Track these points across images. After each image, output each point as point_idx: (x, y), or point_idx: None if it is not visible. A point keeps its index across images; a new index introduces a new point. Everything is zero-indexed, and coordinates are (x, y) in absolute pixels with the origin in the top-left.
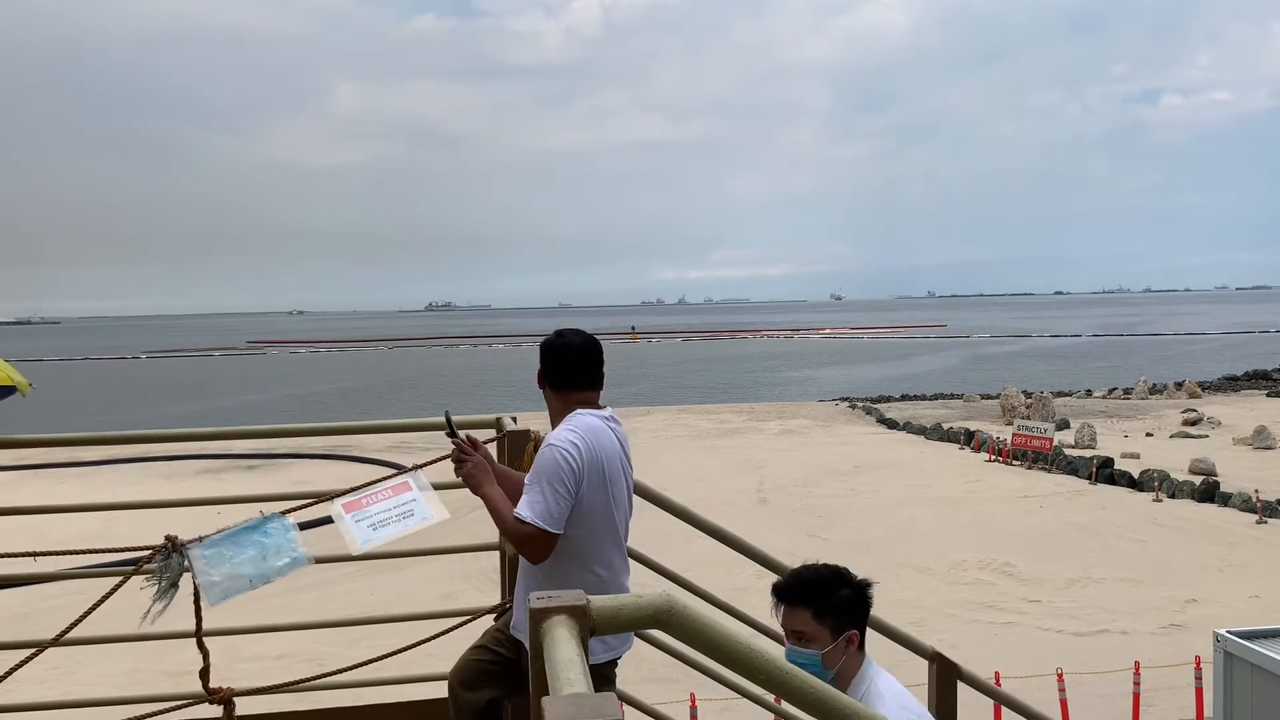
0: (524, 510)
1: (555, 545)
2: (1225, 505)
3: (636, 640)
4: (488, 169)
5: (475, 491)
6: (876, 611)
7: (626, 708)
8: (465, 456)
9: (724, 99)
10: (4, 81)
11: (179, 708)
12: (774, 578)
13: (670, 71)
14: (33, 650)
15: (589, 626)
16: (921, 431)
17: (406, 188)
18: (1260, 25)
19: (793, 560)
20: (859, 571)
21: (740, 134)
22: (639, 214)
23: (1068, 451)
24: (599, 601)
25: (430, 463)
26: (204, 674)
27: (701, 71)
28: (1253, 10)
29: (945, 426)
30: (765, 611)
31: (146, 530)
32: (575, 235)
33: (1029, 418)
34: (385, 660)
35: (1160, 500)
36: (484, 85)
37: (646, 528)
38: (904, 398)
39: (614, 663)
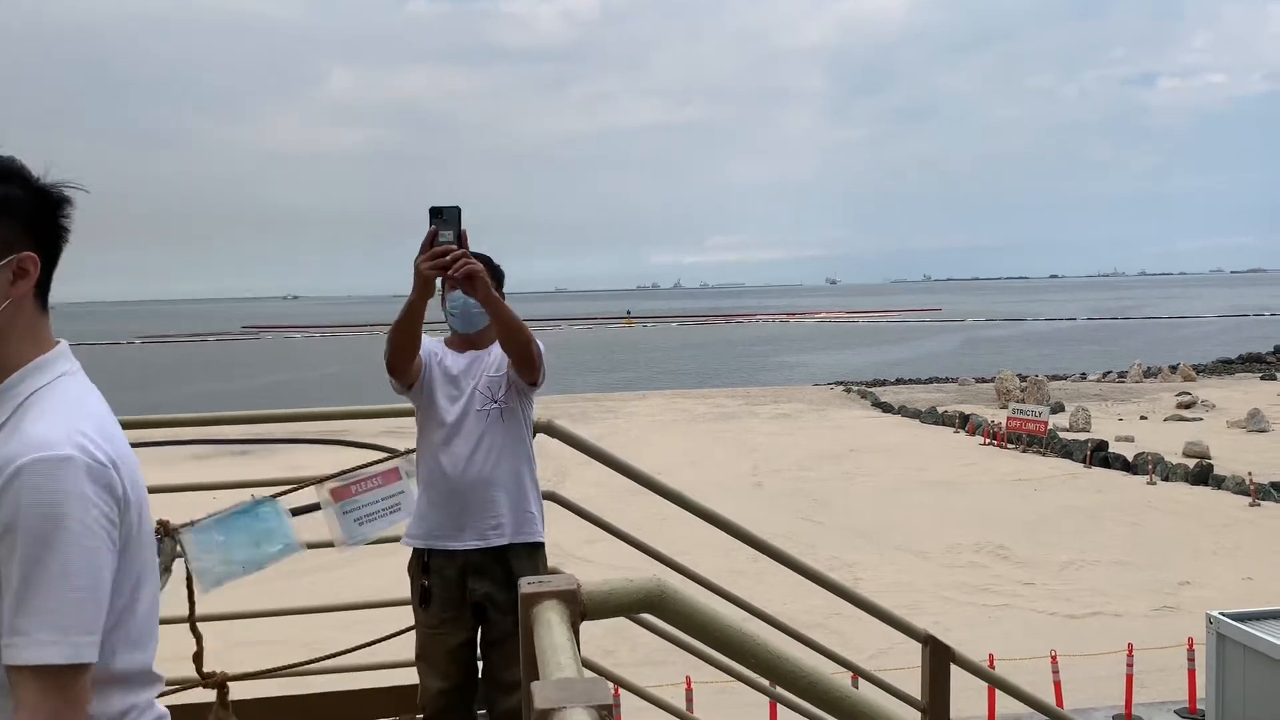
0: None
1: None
2: (1219, 488)
3: (631, 624)
4: (483, 153)
5: (485, 295)
6: (873, 595)
7: (622, 692)
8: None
9: (721, 83)
10: None
11: (172, 691)
12: (768, 561)
13: (667, 55)
14: None
15: (580, 611)
16: (916, 415)
17: (402, 172)
18: (1255, 8)
19: (787, 544)
20: (855, 555)
21: (737, 118)
22: (636, 198)
23: (1062, 435)
24: (590, 586)
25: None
26: (197, 658)
27: (699, 55)
28: None
29: (940, 410)
30: (759, 595)
31: None
32: (571, 220)
33: (1024, 401)
34: (380, 644)
35: (1154, 483)
36: (480, 69)
37: (641, 512)
38: (899, 381)
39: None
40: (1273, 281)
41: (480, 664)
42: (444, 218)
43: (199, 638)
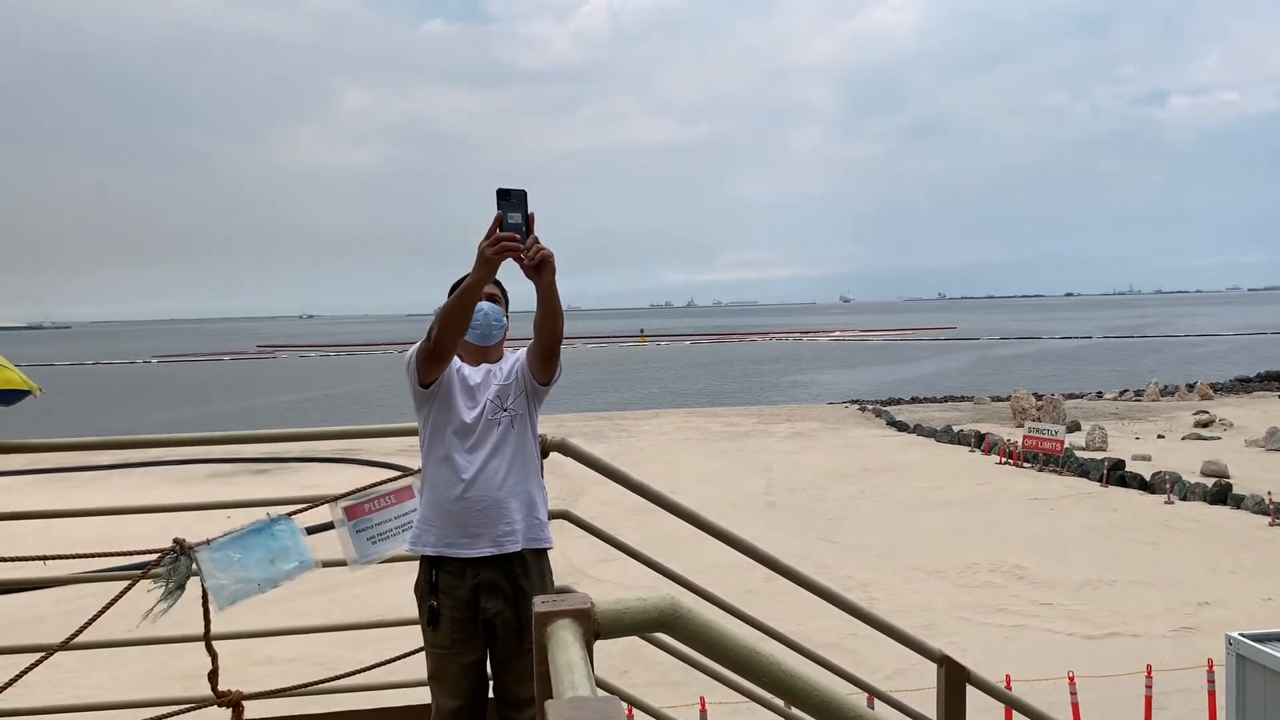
0: None
1: None
2: (1238, 507)
3: (645, 644)
4: (497, 172)
5: (550, 281)
6: (888, 615)
7: (637, 712)
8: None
9: (732, 101)
10: (16, 86)
11: (187, 710)
12: (783, 581)
13: (678, 74)
14: (41, 655)
15: (594, 631)
16: (931, 434)
17: (416, 191)
18: (1267, 25)
19: (802, 563)
20: (870, 574)
21: (748, 136)
22: (648, 217)
23: (1079, 454)
24: (603, 606)
25: None
26: (213, 677)
27: (709, 74)
28: (1259, 10)
29: (955, 429)
30: (774, 614)
31: (157, 534)
32: (584, 238)
33: (1040, 420)
34: (396, 663)
35: (1172, 502)
36: (493, 89)
37: (656, 530)
38: (914, 400)
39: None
40: None
41: (490, 682)
42: (511, 200)
43: (214, 656)
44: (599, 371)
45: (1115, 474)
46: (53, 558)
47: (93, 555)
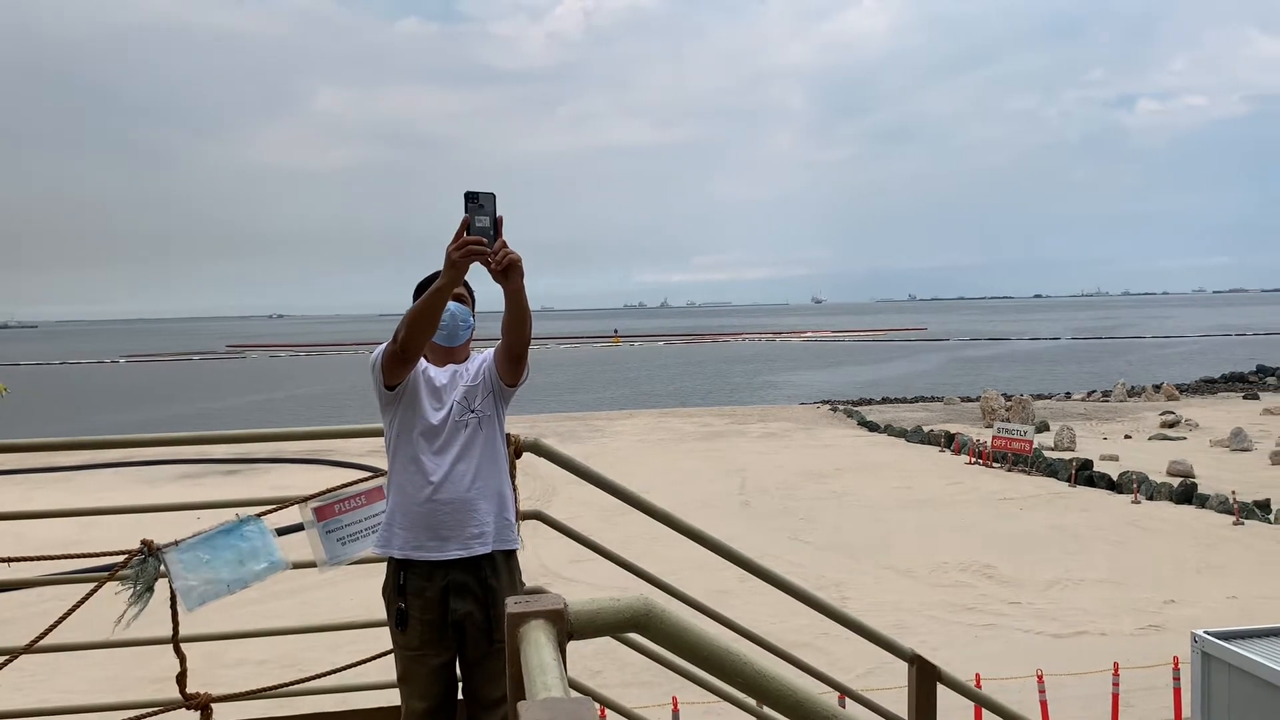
0: None
1: None
2: (1203, 507)
3: (618, 645)
4: (470, 172)
5: (518, 285)
6: (859, 614)
7: (609, 712)
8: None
9: (706, 103)
10: None
11: (155, 714)
12: (756, 580)
13: (652, 76)
14: (5, 658)
15: (566, 631)
16: (902, 434)
17: (388, 191)
18: (1233, 31)
19: (774, 563)
20: (842, 574)
21: (723, 138)
22: (622, 218)
23: (1047, 454)
24: (576, 606)
25: None
26: (181, 679)
27: (684, 76)
28: (1225, 17)
29: (926, 429)
30: (747, 614)
31: (125, 535)
32: (558, 239)
33: (1009, 420)
34: (366, 665)
35: (1139, 502)
36: (467, 89)
37: (629, 531)
38: (885, 400)
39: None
40: (1254, 301)
41: (460, 682)
42: (479, 203)
43: (183, 658)
44: (572, 372)
45: (1083, 474)
46: (17, 560)
47: (59, 557)
